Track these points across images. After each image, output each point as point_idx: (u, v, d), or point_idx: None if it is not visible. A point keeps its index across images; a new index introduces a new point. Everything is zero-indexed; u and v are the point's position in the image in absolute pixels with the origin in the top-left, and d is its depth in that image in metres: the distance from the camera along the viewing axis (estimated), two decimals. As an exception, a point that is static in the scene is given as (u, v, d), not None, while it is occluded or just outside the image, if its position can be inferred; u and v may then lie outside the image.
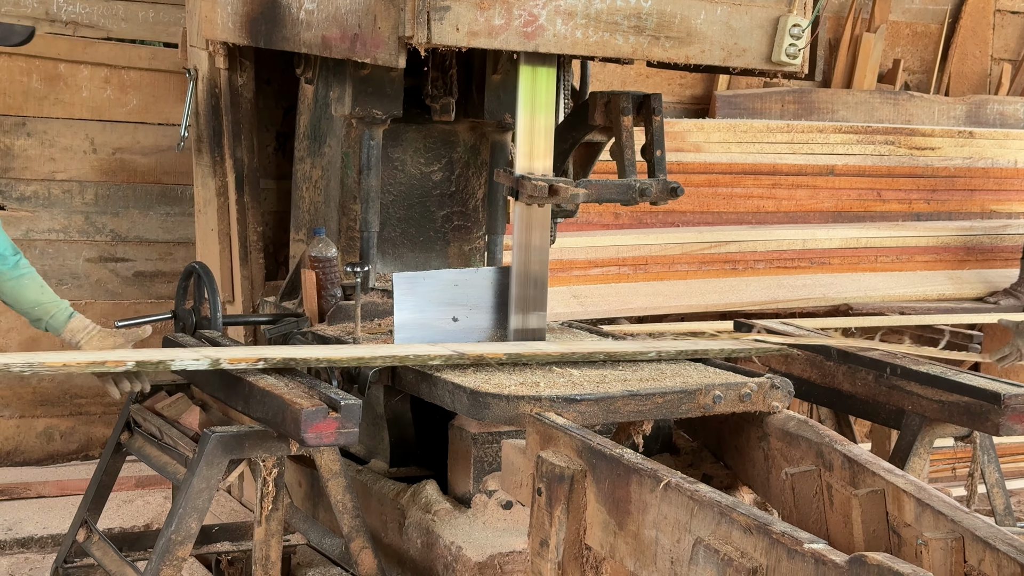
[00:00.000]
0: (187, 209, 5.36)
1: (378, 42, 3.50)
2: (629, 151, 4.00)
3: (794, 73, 3.80)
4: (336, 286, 4.21)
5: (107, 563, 3.65)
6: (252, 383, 3.37)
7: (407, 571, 3.74)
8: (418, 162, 4.48)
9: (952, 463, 5.85)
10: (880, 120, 6.41)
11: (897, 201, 6.27)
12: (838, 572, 2.23)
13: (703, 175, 5.84)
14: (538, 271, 4.00)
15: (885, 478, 2.94)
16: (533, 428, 3.19)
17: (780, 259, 5.85)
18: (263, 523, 3.39)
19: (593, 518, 2.91)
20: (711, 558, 2.48)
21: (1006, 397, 3.70)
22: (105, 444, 5.08)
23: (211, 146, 4.79)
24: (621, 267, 5.55)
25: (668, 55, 3.66)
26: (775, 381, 3.62)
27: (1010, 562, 2.42)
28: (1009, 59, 6.97)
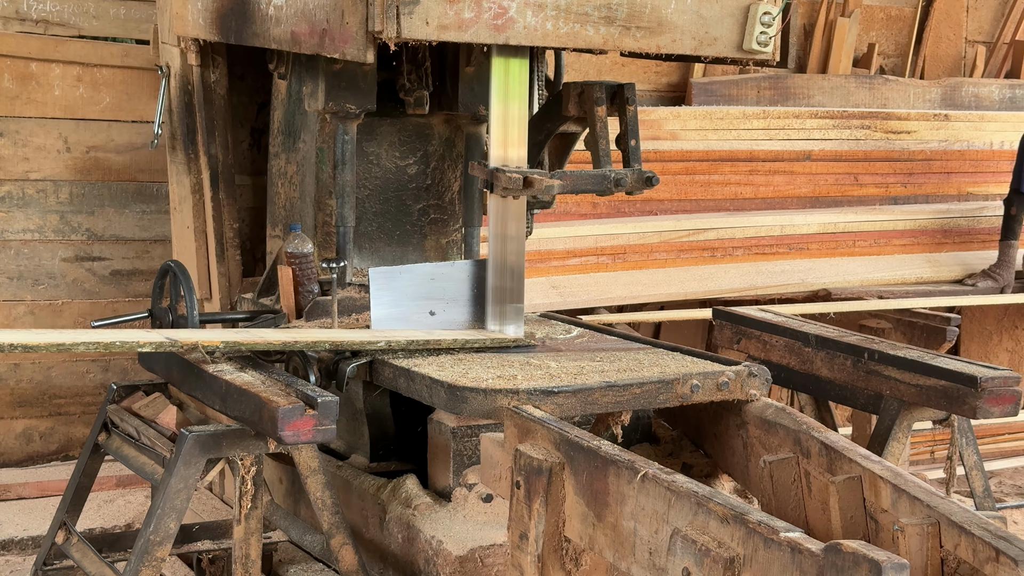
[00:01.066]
0: (163, 207, 5.34)
1: (346, 37, 3.49)
2: (603, 141, 4.00)
3: (765, 61, 3.80)
4: (313, 282, 4.20)
5: (86, 565, 3.64)
6: (229, 382, 3.37)
7: (388, 566, 3.74)
8: (393, 156, 4.47)
9: (931, 446, 5.88)
10: (856, 104, 6.42)
11: (874, 185, 6.28)
12: (814, 560, 2.24)
13: (680, 163, 5.85)
14: (515, 262, 4.00)
15: (862, 464, 2.95)
16: (511, 421, 3.19)
17: (758, 245, 5.86)
18: (242, 522, 3.38)
19: (572, 510, 2.91)
20: (688, 548, 2.49)
21: (983, 380, 3.72)
22: (83, 445, 5.08)
23: (185, 143, 4.77)
24: (599, 257, 5.55)
25: (639, 45, 3.66)
26: (753, 369, 3.62)
27: (985, 546, 2.43)
28: (983, 41, 6.98)
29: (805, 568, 2.25)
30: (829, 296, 5.71)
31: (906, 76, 6.76)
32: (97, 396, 5.35)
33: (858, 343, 4.15)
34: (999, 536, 2.44)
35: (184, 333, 3.68)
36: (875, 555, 2.13)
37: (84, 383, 5.37)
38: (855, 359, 4.12)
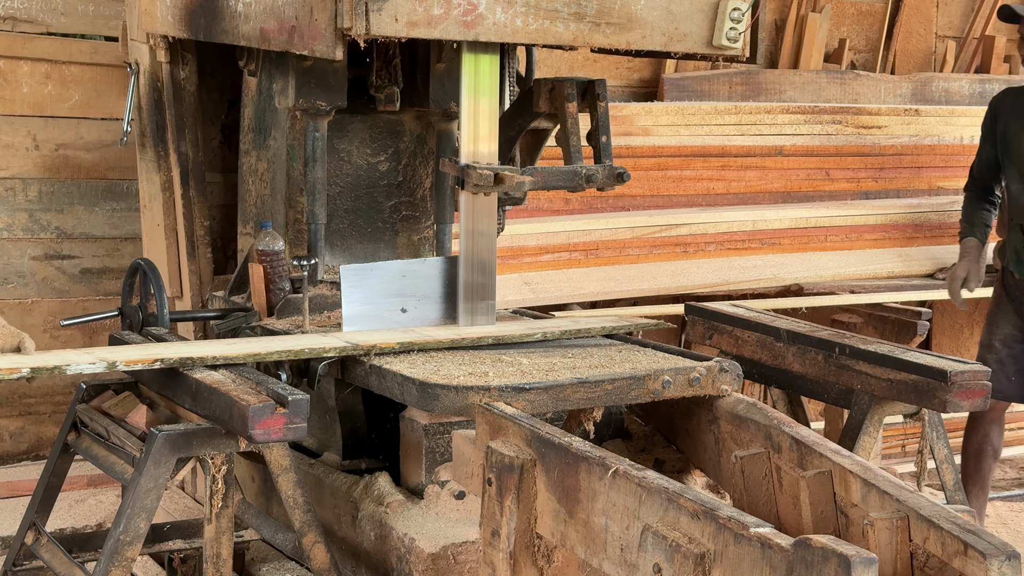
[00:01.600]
0: (133, 204, 5.31)
1: (315, 34, 3.48)
2: (575, 137, 4.00)
3: (735, 56, 3.81)
4: (284, 279, 4.19)
5: (56, 565, 3.62)
6: (199, 380, 3.35)
7: (361, 564, 3.73)
8: (364, 153, 4.46)
9: (902, 440, 5.90)
10: (827, 100, 6.44)
11: (845, 180, 6.30)
12: (784, 556, 2.24)
13: (652, 159, 5.85)
14: (486, 259, 4.00)
15: (832, 459, 2.96)
16: (482, 418, 3.18)
17: (730, 241, 5.87)
18: (213, 520, 3.37)
19: (543, 507, 2.91)
20: (659, 544, 2.49)
21: (952, 374, 3.74)
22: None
23: (155, 140, 4.74)
24: (572, 252, 5.55)
25: (609, 41, 3.66)
26: (724, 364, 3.63)
27: (954, 540, 2.44)
28: (953, 36, 7.01)
29: (775, 563, 2.25)
30: (801, 291, 5.72)
31: (877, 71, 6.78)
32: (67, 395, 5.32)
33: (829, 338, 4.16)
34: (967, 530, 2.45)
35: (362, 336, 3.73)
36: (844, 550, 2.14)
37: (54, 383, 5.34)
38: (826, 354, 4.13)
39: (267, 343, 3.69)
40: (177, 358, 3.43)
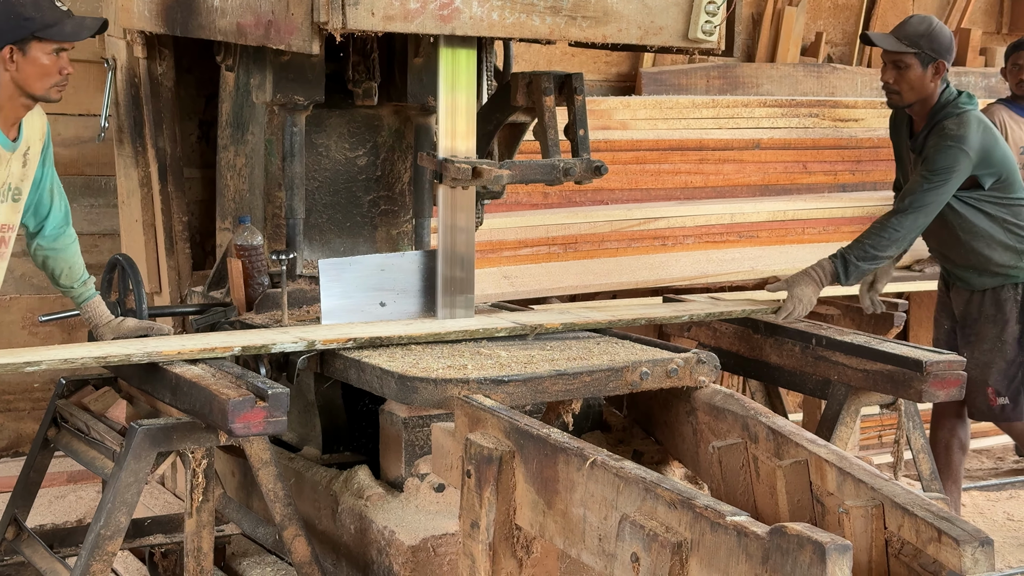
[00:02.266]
0: (111, 200, 5.30)
1: (292, 28, 3.49)
2: (552, 131, 4.01)
3: (711, 50, 3.83)
4: (263, 274, 4.19)
5: (37, 560, 3.62)
6: (179, 375, 3.36)
7: (341, 557, 3.74)
8: (342, 147, 4.47)
9: (879, 430, 5.94)
10: (804, 93, 6.47)
11: (823, 173, 6.33)
12: (760, 543, 2.26)
13: (630, 152, 5.86)
14: (465, 253, 4.01)
15: (808, 448, 2.98)
16: (461, 411, 3.20)
17: (709, 234, 5.89)
18: (194, 515, 3.38)
19: (522, 498, 2.93)
20: (637, 534, 2.51)
21: (928, 364, 3.77)
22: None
23: (132, 136, 4.74)
24: (551, 246, 5.56)
25: (585, 35, 3.68)
26: (701, 356, 3.65)
27: (928, 527, 2.47)
28: (929, 29, 7.05)
29: (751, 551, 2.27)
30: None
31: (853, 64, 6.82)
32: (47, 391, 5.30)
33: (806, 329, 4.19)
34: (941, 517, 2.47)
35: (527, 315, 3.98)
36: (819, 537, 2.16)
37: (33, 378, 5.32)
38: (803, 345, 4.16)
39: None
40: (368, 337, 3.65)
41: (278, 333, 3.72)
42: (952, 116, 4.33)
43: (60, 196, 3.74)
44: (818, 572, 2.14)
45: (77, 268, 3.77)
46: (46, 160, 3.67)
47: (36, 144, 3.60)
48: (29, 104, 3.50)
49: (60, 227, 3.72)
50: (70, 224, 3.77)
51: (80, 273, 3.78)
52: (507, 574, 3.00)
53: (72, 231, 3.78)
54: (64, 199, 3.75)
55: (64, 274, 3.76)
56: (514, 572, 3.00)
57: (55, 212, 3.71)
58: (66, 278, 3.76)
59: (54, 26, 3.41)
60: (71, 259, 3.75)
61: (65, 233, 3.75)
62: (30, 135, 3.57)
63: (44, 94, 3.48)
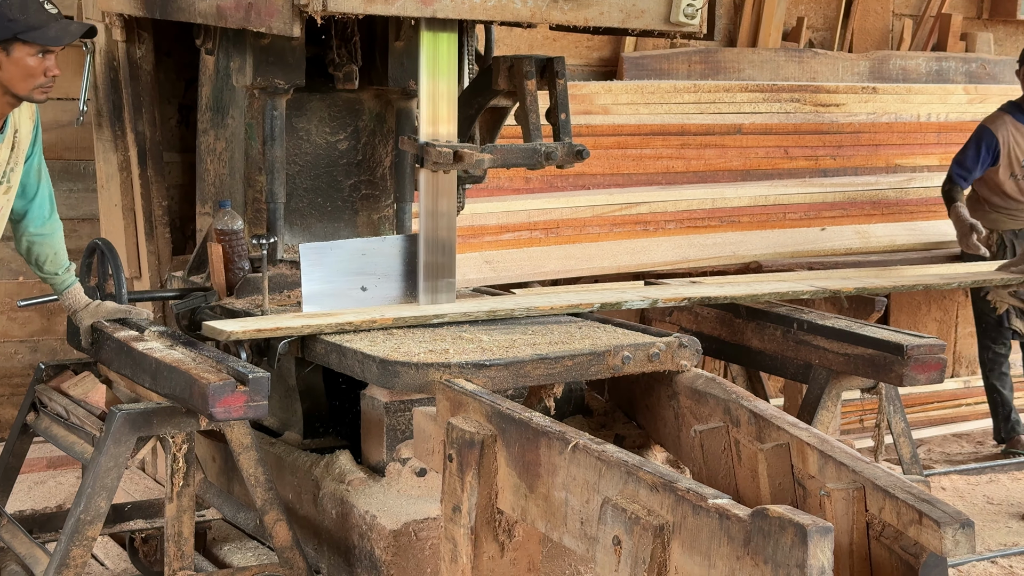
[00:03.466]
0: (90, 185, 5.26)
1: (272, 11, 3.46)
2: (534, 115, 4.00)
3: (693, 33, 3.82)
4: (243, 259, 4.17)
5: (16, 545, 3.61)
6: (159, 359, 3.34)
7: (323, 542, 3.73)
8: (323, 131, 4.45)
9: (860, 415, 5.95)
10: (785, 78, 6.47)
11: (804, 158, 6.34)
12: (741, 526, 2.27)
13: (612, 137, 5.86)
14: (446, 237, 4.00)
15: (789, 432, 2.99)
16: (443, 395, 3.19)
17: (690, 219, 5.89)
18: (175, 499, 3.37)
19: (504, 482, 2.93)
20: (619, 517, 2.51)
21: (909, 348, 3.78)
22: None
23: (111, 120, 4.71)
24: (533, 231, 5.56)
25: (567, 18, 3.66)
26: (683, 340, 3.65)
27: (909, 509, 2.47)
28: (910, 15, 7.06)
29: (733, 534, 2.28)
30: (760, 268, 5.76)
31: (835, 49, 6.81)
32: (25, 377, 5.27)
33: (787, 313, 4.19)
34: (922, 499, 2.48)
35: (660, 290, 4.12)
36: (800, 519, 2.17)
37: (12, 364, 5.29)
38: (784, 329, 4.16)
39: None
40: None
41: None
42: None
43: (46, 181, 3.73)
44: (800, 554, 2.14)
45: (62, 254, 3.75)
46: (35, 142, 3.66)
47: (26, 124, 3.59)
48: (14, 103, 3.48)
49: (46, 212, 3.71)
50: (55, 210, 3.75)
51: (64, 260, 3.77)
52: (489, 558, 3.00)
53: (57, 217, 3.76)
54: (49, 184, 3.74)
55: (49, 260, 3.74)
56: (496, 556, 3.01)
57: (41, 196, 3.69)
58: (51, 264, 3.75)
59: (38, 29, 3.38)
60: (56, 245, 3.74)
61: (51, 219, 3.73)
62: (17, 119, 3.55)
63: (28, 95, 3.45)
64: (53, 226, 3.73)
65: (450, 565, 3.05)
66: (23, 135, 3.58)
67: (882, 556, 2.57)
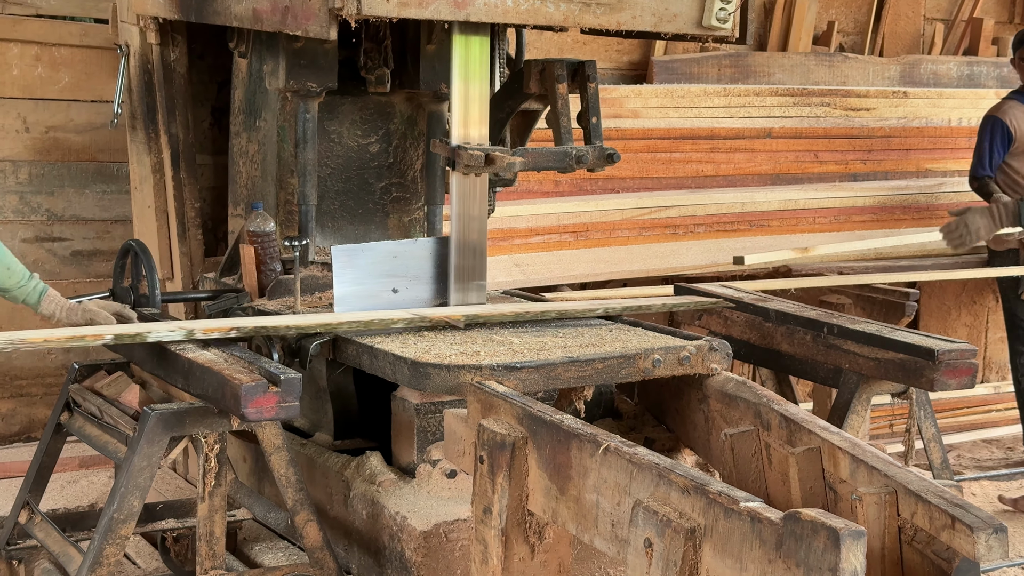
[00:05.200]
0: (124, 187, 5.31)
1: (309, 14, 3.49)
2: (565, 118, 4.01)
3: (725, 37, 3.83)
4: (275, 260, 4.20)
5: (50, 544, 3.64)
6: (191, 360, 3.36)
7: (353, 543, 3.75)
8: (355, 134, 4.47)
9: (890, 420, 5.94)
10: (816, 82, 6.46)
11: (834, 162, 6.33)
12: (773, 529, 2.26)
13: (642, 141, 5.87)
14: (477, 240, 4.01)
15: (821, 436, 2.98)
16: (474, 397, 3.20)
17: (720, 222, 5.89)
18: (206, 499, 3.38)
19: (535, 484, 2.93)
20: (650, 519, 2.51)
21: (940, 353, 3.76)
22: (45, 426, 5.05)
23: (145, 122, 4.74)
24: (562, 234, 5.57)
25: (599, 22, 3.67)
26: (713, 344, 3.65)
27: (941, 514, 2.46)
28: (941, 19, 7.04)
29: (765, 537, 2.28)
30: (790, 272, 5.75)
31: (865, 54, 6.80)
32: (59, 377, 5.32)
33: (817, 317, 4.18)
34: (955, 504, 2.47)
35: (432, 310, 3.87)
36: (833, 523, 2.16)
37: (46, 364, 5.34)
38: (815, 333, 4.15)
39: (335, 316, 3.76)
40: (252, 327, 3.56)
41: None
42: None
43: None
44: (832, 558, 2.14)
45: (15, 269, 3.55)
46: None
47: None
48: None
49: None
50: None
51: (18, 272, 3.56)
52: (519, 559, 3.00)
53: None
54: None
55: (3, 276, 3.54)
56: (526, 558, 3.01)
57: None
58: (6, 280, 3.54)
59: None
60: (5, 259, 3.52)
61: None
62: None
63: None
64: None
65: (480, 566, 3.05)
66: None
67: (914, 561, 2.57)
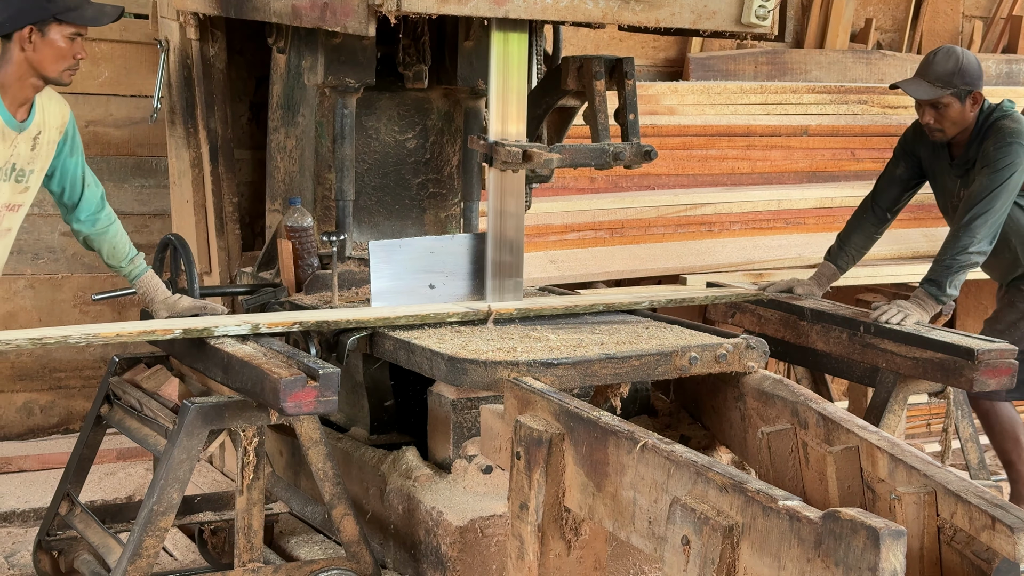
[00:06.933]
0: (162, 181, 5.34)
1: (348, 10, 3.50)
2: (602, 115, 4.01)
3: (764, 35, 3.81)
4: (313, 255, 4.22)
5: (90, 535, 3.67)
6: (231, 354, 3.39)
7: (389, 537, 3.77)
8: (392, 130, 4.49)
9: (926, 419, 5.91)
10: (853, 80, 6.43)
11: (871, 160, 6.29)
12: (812, 528, 2.26)
13: (677, 138, 5.85)
14: (514, 237, 4.02)
15: (859, 435, 2.97)
16: (511, 393, 3.21)
17: (755, 220, 5.87)
18: (245, 492, 3.41)
19: (572, 480, 2.94)
20: (688, 517, 2.51)
21: (979, 352, 3.74)
22: (85, 418, 5.09)
23: (184, 117, 4.78)
24: (597, 231, 5.56)
25: (638, 19, 3.67)
26: (750, 342, 3.65)
27: (981, 514, 2.46)
28: (980, 16, 6.99)
29: (803, 535, 2.28)
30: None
31: (903, 51, 6.76)
32: (97, 370, 5.37)
33: (854, 316, 4.17)
34: (995, 504, 2.47)
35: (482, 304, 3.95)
36: (873, 522, 2.16)
37: (84, 357, 5.38)
38: (851, 332, 4.14)
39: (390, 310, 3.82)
40: (314, 321, 3.63)
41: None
42: (1002, 118, 4.27)
43: (93, 183, 3.75)
44: (872, 557, 2.14)
45: (121, 247, 3.80)
46: (74, 150, 3.67)
47: (52, 132, 3.60)
48: (39, 85, 3.50)
49: (95, 212, 3.75)
50: (106, 206, 3.79)
51: (125, 251, 3.81)
52: (555, 555, 3.01)
53: (109, 212, 3.79)
54: (98, 185, 3.77)
55: (108, 253, 3.80)
56: (562, 554, 3.02)
57: (88, 199, 3.73)
58: (111, 257, 3.81)
59: (75, 10, 3.45)
60: (112, 239, 3.79)
61: (101, 216, 3.76)
62: (46, 121, 3.57)
63: (57, 76, 3.50)
64: (105, 222, 3.77)
65: (517, 562, 3.07)
66: (47, 139, 3.59)
67: (953, 561, 2.56)
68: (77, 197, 3.73)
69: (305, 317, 3.64)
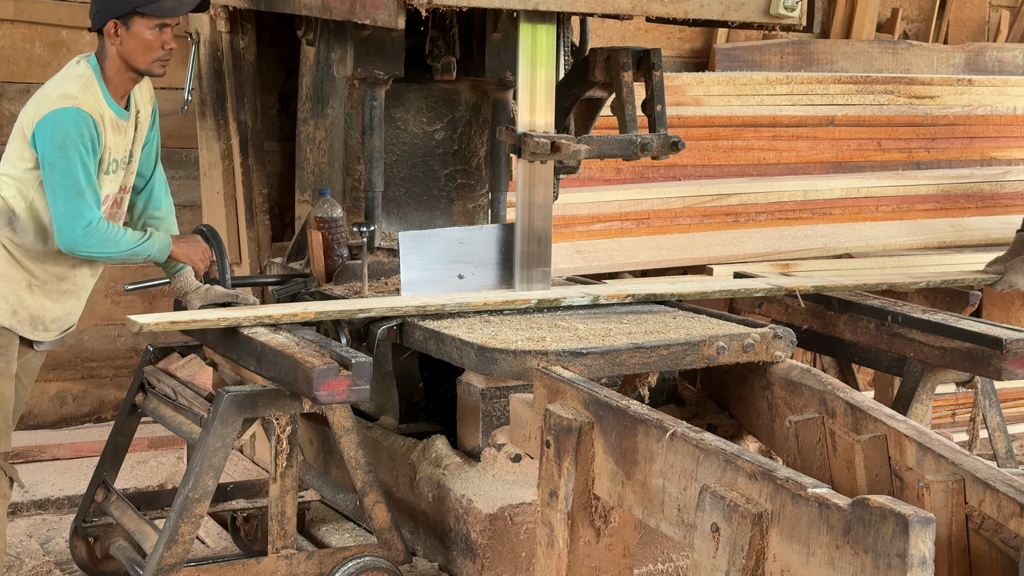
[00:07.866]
0: (192, 172, 5.39)
1: (377, 3, 3.53)
2: (630, 106, 4.03)
3: (792, 25, 3.83)
4: (342, 246, 4.26)
5: (125, 521, 3.72)
6: (264, 343, 3.43)
7: (419, 525, 3.80)
8: (420, 121, 4.52)
9: (953, 409, 5.91)
10: (879, 70, 6.42)
11: (897, 150, 6.29)
12: (841, 515, 2.28)
13: (703, 128, 5.87)
14: (542, 227, 4.04)
15: (887, 423, 2.99)
16: (540, 382, 3.24)
17: (781, 210, 5.88)
18: (278, 480, 3.45)
19: (601, 468, 2.97)
20: (717, 504, 2.54)
21: (1008, 342, 3.75)
22: (118, 406, 5.14)
23: (215, 109, 4.82)
24: (624, 222, 5.59)
25: (667, 10, 3.69)
26: (778, 331, 3.67)
27: (1010, 502, 2.47)
28: (1007, 6, 6.96)
29: (833, 523, 2.29)
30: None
31: (930, 41, 6.75)
32: (128, 359, 5.42)
33: (881, 306, 4.18)
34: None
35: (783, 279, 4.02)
36: (902, 509, 2.17)
37: (116, 346, 5.44)
38: (878, 322, 4.15)
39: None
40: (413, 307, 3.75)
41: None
42: None
43: (160, 164, 3.87)
44: (901, 544, 2.15)
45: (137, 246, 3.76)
46: (155, 123, 3.80)
47: (145, 107, 3.74)
48: (136, 78, 3.61)
49: (162, 194, 3.86)
50: (168, 193, 3.91)
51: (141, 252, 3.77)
52: (585, 543, 3.04)
53: (171, 200, 3.90)
54: (162, 167, 3.87)
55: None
56: (592, 541, 3.05)
57: (156, 178, 3.85)
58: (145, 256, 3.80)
59: (155, 2, 3.50)
60: (172, 228, 3.87)
61: (166, 201, 3.88)
62: (138, 98, 3.70)
63: (147, 68, 3.58)
64: (168, 209, 3.88)
65: (546, 549, 3.09)
66: (143, 117, 3.71)
67: (981, 549, 2.57)
68: (150, 170, 3.82)
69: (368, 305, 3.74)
